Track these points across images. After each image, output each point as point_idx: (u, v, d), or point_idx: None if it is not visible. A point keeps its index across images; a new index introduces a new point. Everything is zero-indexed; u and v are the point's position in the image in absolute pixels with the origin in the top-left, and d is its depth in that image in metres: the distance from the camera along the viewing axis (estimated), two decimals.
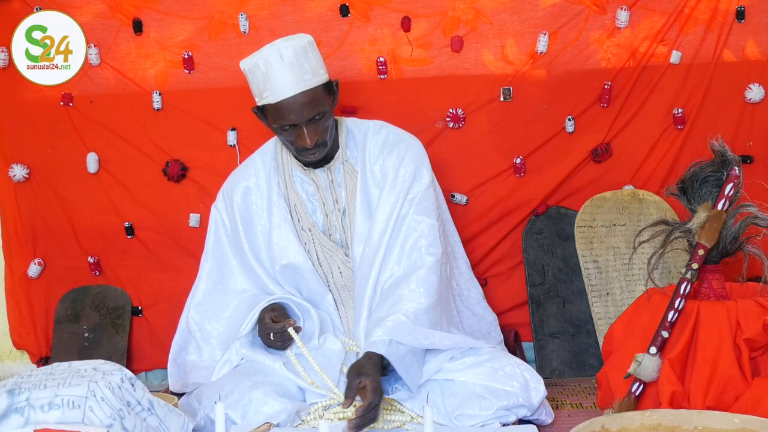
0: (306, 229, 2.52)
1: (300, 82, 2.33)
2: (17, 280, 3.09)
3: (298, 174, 2.54)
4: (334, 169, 2.52)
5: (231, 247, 2.59)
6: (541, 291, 2.92)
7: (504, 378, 2.24)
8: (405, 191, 2.45)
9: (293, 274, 2.51)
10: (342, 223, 2.51)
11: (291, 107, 2.33)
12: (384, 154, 2.50)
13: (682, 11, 2.89)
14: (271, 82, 2.33)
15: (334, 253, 2.51)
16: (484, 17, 2.93)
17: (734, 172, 2.26)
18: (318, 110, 2.35)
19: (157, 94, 3.00)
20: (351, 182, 2.51)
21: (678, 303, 2.21)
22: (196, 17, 2.98)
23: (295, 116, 2.34)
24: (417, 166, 2.49)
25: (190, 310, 2.57)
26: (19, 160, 3.07)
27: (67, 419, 1.86)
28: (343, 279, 2.51)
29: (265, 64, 2.33)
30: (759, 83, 2.90)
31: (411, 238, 2.41)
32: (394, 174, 2.47)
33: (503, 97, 2.95)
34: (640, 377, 2.18)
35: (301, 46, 2.35)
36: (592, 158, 2.96)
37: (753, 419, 1.92)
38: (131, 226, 3.05)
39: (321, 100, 2.36)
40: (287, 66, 2.32)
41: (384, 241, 2.41)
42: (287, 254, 2.49)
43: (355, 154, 2.53)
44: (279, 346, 2.39)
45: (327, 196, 2.52)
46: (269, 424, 2.14)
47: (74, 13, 2.97)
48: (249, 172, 2.59)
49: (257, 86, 2.38)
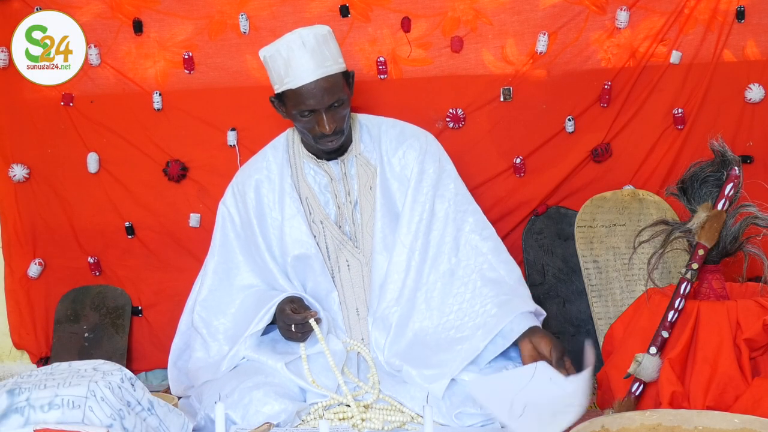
0: (318, 221, 2.53)
1: (321, 68, 2.36)
2: (17, 280, 3.10)
3: (311, 166, 2.56)
4: (348, 161, 2.55)
5: (238, 242, 2.58)
6: (541, 291, 2.92)
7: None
8: (433, 186, 2.51)
9: (304, 266, 2.51)
10: (353, 215, 2.53)
11: (312, 92, 2.36)
12: (404, 147, 2.55)
13: (682, 11, 2.89)
14: (292, 68, 2.36)
15: (344, 245, 2.52)
16: (484, 17, 2.93)
17: (734, 172, 2.26)
18: (337, 97, 2.39)
19: (157, 95, 3.00)
20: (364, 175, 2.53)
21: (678, 303, 2.21)
22: (196, 17, 2.98)
23: (316, 101, 2.37)
24: (440, 159, 2.56)
25: (197, 306, 2.56)
26: (19, 160, 3.07)
27: (67, 419, 1.86)
28: (350, 273, 2.52)
29: (287, 50, 2.36)
30: (759, 83, 2.90)
31: (464, 232, 2.50)
32: (419, 168, 2.52)
33: (503, 97, 2.95)
34: (640, 377, 2.18)
35: (321, 35, 2.39)
36: (592, 158, 2.96)
37: (753, 419, 1.91)
38: (131, 226, 3.05)
39: (340, 87, 2.40)
40: (309, 52, 2.36)
41: (419, 239, 2.46)
42: (299, 246, 2.50)
43: (370, 148, 2.56)
44: (299, 338, 2.38)
45: (340, 188, 2.54)
46: (269, 424, 2.14)
47: (74, 13, 2.97)
48: (260, 165, 2.60)
49: (278, 72, 2.40)
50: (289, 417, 2.19)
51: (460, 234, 2.50)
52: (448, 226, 2.50)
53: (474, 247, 2.49)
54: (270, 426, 2.14)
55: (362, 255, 2.52)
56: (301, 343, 2.38)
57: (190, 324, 2.63)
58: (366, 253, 2.52)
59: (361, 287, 2.52)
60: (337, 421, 2.22)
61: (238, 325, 2.48)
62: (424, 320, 2.44)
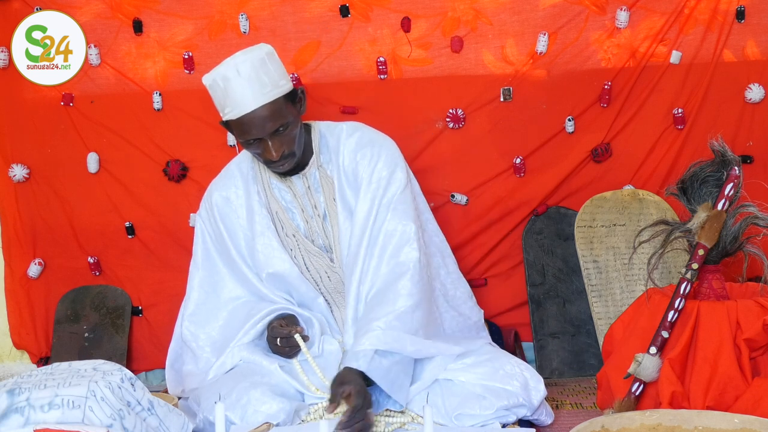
0: (290, 235, 2.50)
1: (260, 96, 2.28)
2: (17, 280, 3.10)
3: (275, 182, 2.51)
4: (310, 175, 2.49)
5: (218, 255, 2.56)
6: (541, 291, 2.92)
7: (504, 377, 2.24)
8: (380, 195, 2.42)
9: (281, 281, 2.49)
10: (324, 228, 2.49)
11: (253, 121, 2.29)
12: (357, 158, 2.47)
13: (682, 11, 2.89)
14: (230, 98, 2.30)
15: (319, 258, 2.49)
16: (484, 17, 2.93)
17: (734, 172, 2.26)
18: (281, 122, 2.31)
19: (157, 95, 3.00)
20: (328, 187, 2.48)
21: (678, 303, 2.21)
22: (196, 17, 2.98)
23: (258, 130, 2.30)
24: (391, 168, 2.45)
25: (185, 321, 2.55)
26: (19, 160, 3.07)
27: (67, 419, 1.86)
28: (332, 282, 2.50)
29: (224, 80, 2.30)
30: (759, 83, 2.90)
31: (390, 246, 2.37)
32: (368, 178, 2.44)
33: (503, 97, 2.95)
34: (640, 377, 2.18)
35: (259, 59, 2.31)
36: (592, 158, 2.96)
37: (753, 419, 1.91)
38: (132, 226, 3.05)
39: (283, 111, 2.32)
40: (245, 80, 2.28)
41: (361, 249, 2.39)
42: (273, 262, 2.47)
43: (329, 159, 2.50)
44: (286, 353, 2.37)
45: (305, 202, 2.49)
46: (269, 424, 2.14)
47: (74, 13, 2.97)
48: (227, 183, 2.56)
49: (219, 102, 2.35)
50: (288, 416, 2.19)
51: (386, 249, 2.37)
52: (379, 238, 2.38)
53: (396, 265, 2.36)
54: (270, 426, 2.14)
55: (339, 267, 2.48)
56: (288, 358, 2.37)
57: None
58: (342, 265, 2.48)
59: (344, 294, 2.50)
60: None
61: (225, 337, 2.47)
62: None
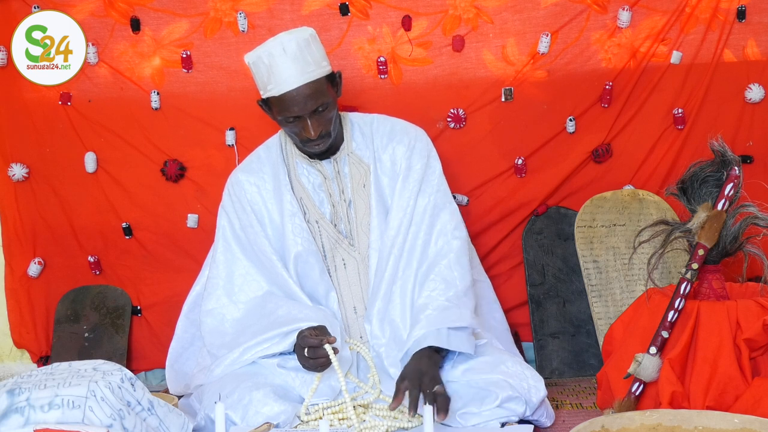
0: (313, 221, 2.53)
1: (303, 74, 2.37)
2: (17, 279, 3.09)
3: (304, 166, 2.56)
4: (341, 160, 2.55)
5: (241, 249, 2.54)
6: (541, 291, 2.92)
7: (504, 377, 2.24)
8: (418, 182, 2.50)
9: (304, 265, 2.51)
10: (348, 213, 2.53)
11: (295, 99, 2.37)
12: (393, 143, 2.56)
13: (683, 10, 2.89)
14: (275, 75, 2.37)
15: (339, 243, 2.52)
16: (485, 16, 2.93)
17: (734, 172, 2.26)
18: (321, 102, 2.39)
19: (155, 94, 3.00)
20: (357, 174, 2.54)
21: (678, 303, 2.21)
22: (192, 15, 2.97)
23: (299, 108, 2.38)
24: (428, 156, 2.55)
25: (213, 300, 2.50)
26: (18, 160, 3.06)
27: (67, 419, 1.87)
28: (347, 272, 2.52)
29: (269, 57, 2.37)
30: (759, 83, 2.90)
31: (436, 227, 2.47)
32: (406, 164, 2.52)
33: (504, 97, 2.95)
34: (640, 377, 2.18)
35: (303, 39, 2.39)
36: (593, 158, 2.95)
37: (753, 419, 1.91)
38: (129, 227, 3.04)
39: (324, 91, 2.40)
40: (290, 58, 2.36)
41: (401, 234, 2.46)
42: (301, 241, 2.50)
43: (362, 146, 2.57)
44: (311, 365, 2.24)
45: (333, 187, 2.54)
46: (269, 425, 2.14)
47: (69, 11, 2.95)
48: (253, 167, 2.60)
49: (261, 79, 2.42)
50: (289, 418, 2.19)
51: (433, 229, 2.49)
52: (424, 221, 2.48)
53: (445, 244, 2.47)
54: (270, 426, 2.14)
55: (358, 253, 2.52)
56: (315, 372, 2.27)
57: (186, 328, 2.62)
58: (362, 251, 2.52)
59: (357, 285, 2.52)
60: (337, 422, 2.22)
61: (242, 331, 2.42)
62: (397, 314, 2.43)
